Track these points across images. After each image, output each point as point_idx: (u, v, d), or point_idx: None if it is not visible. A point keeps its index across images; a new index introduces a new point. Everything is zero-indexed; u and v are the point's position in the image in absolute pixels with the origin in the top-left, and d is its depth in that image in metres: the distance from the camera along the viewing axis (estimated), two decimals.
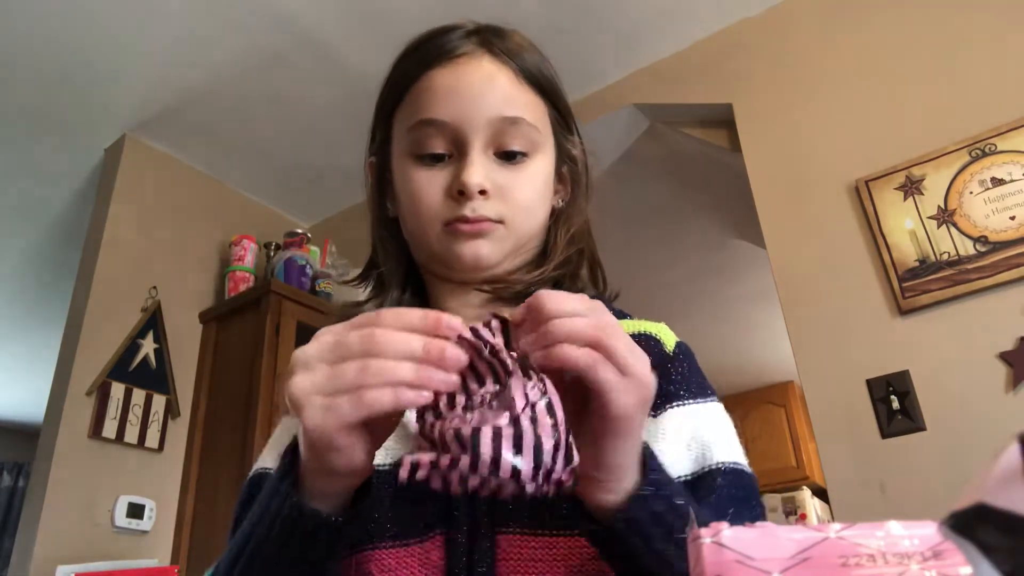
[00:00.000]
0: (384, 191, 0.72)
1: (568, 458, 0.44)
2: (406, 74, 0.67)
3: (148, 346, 2.41)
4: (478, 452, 0.41)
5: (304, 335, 2.48)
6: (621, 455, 0.44)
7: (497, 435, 0.41)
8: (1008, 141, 1.76)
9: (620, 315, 0.70)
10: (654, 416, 0.61)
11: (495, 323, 0.45)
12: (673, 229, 3.25)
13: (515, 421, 0.42)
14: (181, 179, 2.75)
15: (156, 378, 2.40)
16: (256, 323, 2.43)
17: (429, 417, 0.45)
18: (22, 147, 2.62)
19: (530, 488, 0.42)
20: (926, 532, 0.25)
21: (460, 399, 0.44)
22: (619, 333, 0.42)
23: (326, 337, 0.44)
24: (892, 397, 1.72)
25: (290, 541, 0.47)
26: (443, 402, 0.44)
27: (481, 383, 0.44)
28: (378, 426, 0.45)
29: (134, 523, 2.20)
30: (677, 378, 0.63)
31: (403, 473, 0.43)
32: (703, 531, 0.24)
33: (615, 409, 0.41)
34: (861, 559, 0.23)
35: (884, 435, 1.71)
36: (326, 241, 2.83)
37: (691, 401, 0.62)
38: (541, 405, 0.43)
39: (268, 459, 0.66)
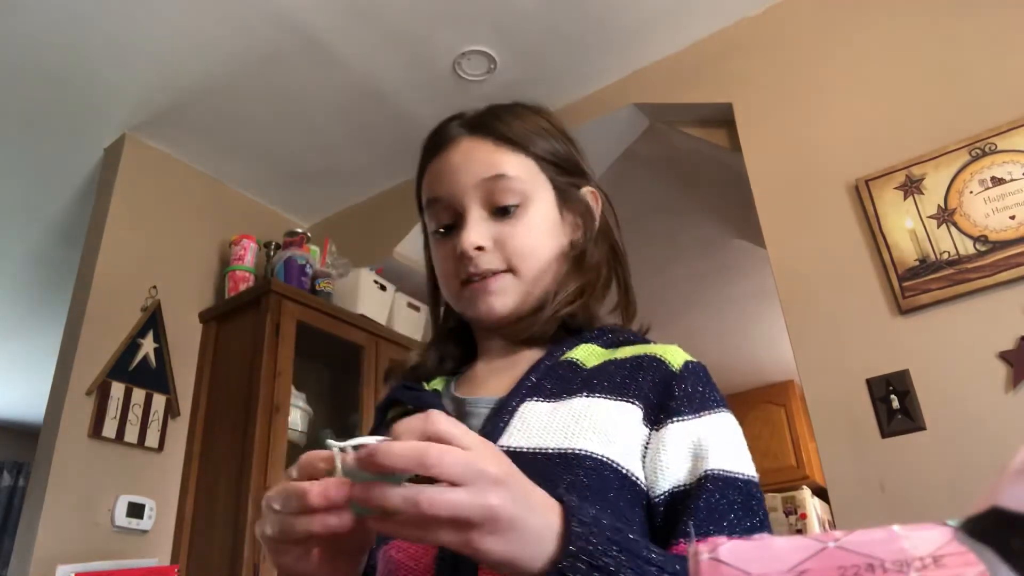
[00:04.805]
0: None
1: None
2: (419, 169, 0.81)
3: (148, 346, 2.41)
4: None
5: (304, 334, 2.48)
6: (528, 560, 0.45)
7: None
8: (1008, 141, 1.76)
9: (640, 340, 0.75)
10: (656, 431, 0.64)
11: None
12: (673, 229, 3.25)
13: None
14: (181, 179, 2.75)
15: (156, 378, 2.40)
16: (256, 323, 2.43)
17: None
18: (22, 147, 2.62)
19: None
20: (927, 538, 0.25)
21: None
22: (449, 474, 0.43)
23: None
24: (892, 396, 1.72)
25: None
26: None
27: None
28: (345, 546, 0.52)
29: (134, 523, 2.20)
30: (680, 395, 0.65)
31: None
32: (701, 546, 0.24)
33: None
34: (860, 568, 0.23)
35: (884, 434, 1.71)
36: (326, 240, 2.83)
37: (691, 416, 0.64)
38: None
39: None
